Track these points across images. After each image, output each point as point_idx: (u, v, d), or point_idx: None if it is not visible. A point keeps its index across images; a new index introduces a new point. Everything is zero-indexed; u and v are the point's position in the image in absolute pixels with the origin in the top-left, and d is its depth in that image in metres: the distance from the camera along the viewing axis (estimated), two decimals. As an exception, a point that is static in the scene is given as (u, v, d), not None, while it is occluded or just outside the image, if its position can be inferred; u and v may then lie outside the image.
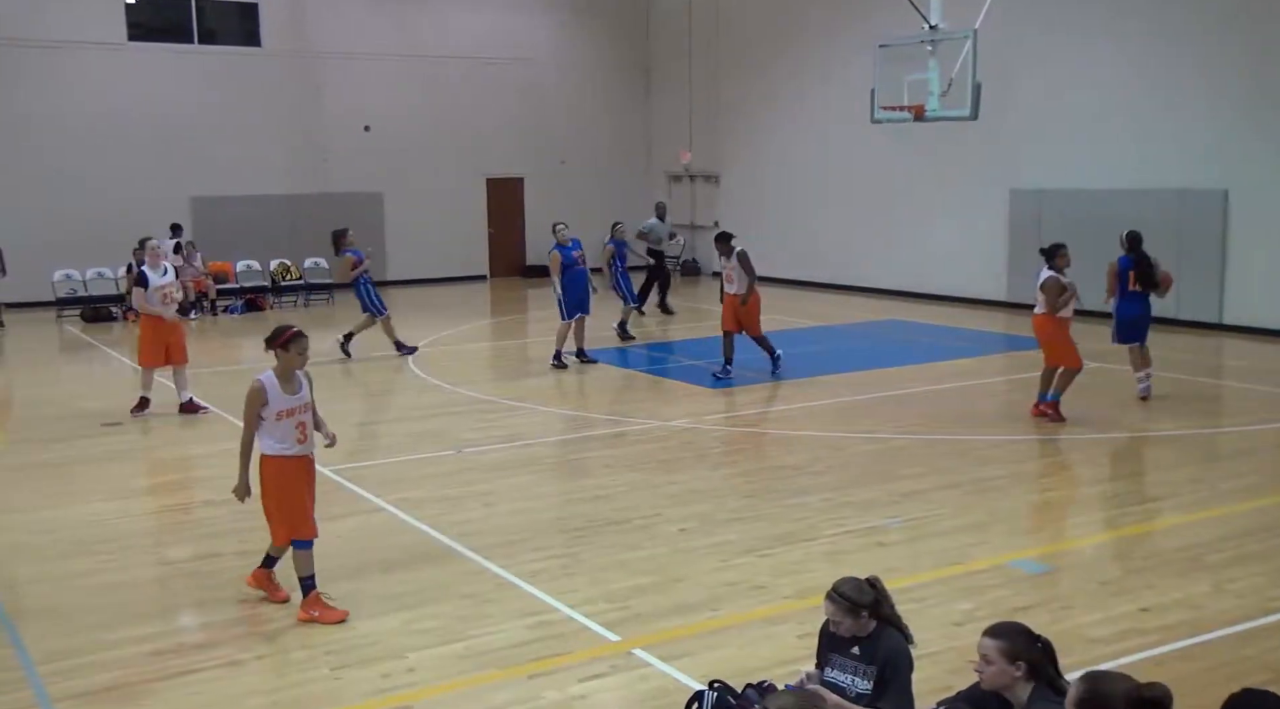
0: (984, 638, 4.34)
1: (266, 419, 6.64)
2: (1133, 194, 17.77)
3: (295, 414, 6.70)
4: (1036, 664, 4.25)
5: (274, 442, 6.68)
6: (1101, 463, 10.04)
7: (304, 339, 6.81)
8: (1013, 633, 4.31)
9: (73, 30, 21.93)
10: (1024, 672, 4.23)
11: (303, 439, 6.73)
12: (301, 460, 6.78)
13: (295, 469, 6.75)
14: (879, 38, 15.86)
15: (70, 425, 11.99)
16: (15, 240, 20.99)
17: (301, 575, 6.73)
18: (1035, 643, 4.30)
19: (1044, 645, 4.33)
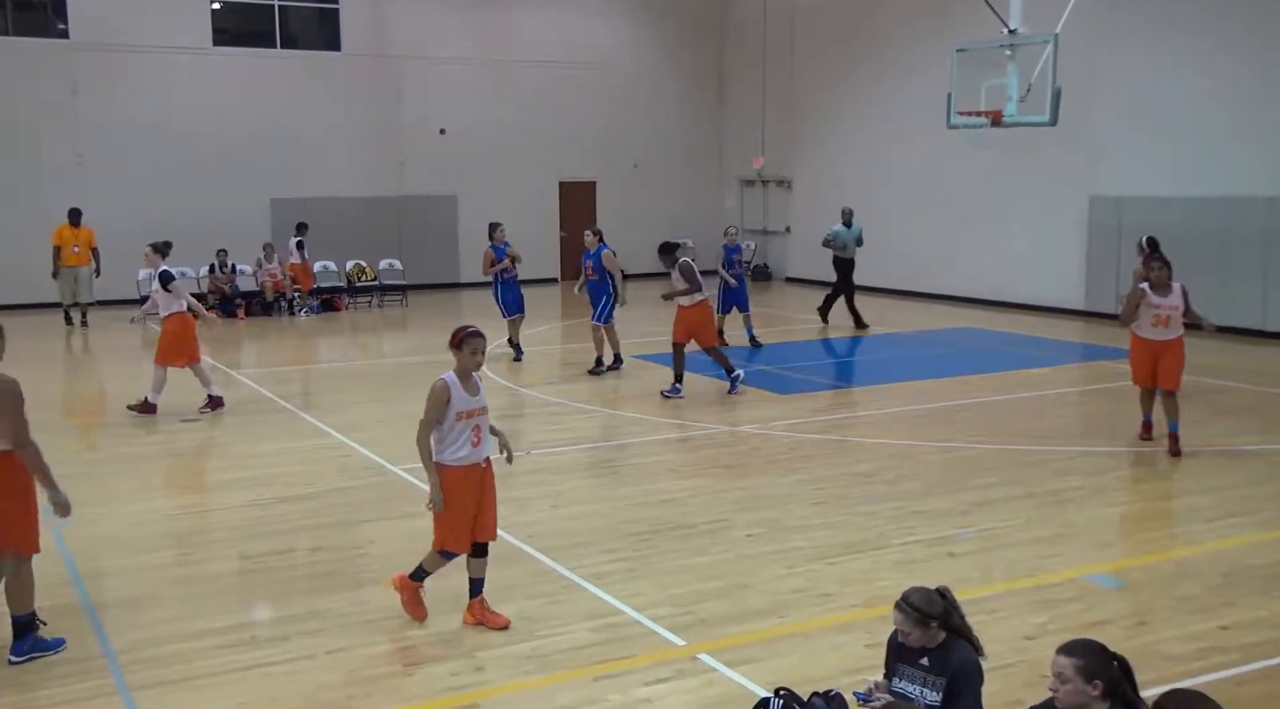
0: (1059, 655, 4.24)
1: (445, 420, 6.45)
2: (1217, 202, 17.38)
3: (474, 417, 6.52)
4: (1113, 683, 4.16)
5: (447, 448, 6.49)
6: (1181, 476, 9.82)
7: (478, 339, 6.59)
8: (1089, 650, 4.22)
9: (161, 35, 22.50)
10: (1100, 690, 4.14)
11: (476, 443, 6.53)
12: (474, 468, 6.56)
13: (465, 477, 6.52)
14: (956, 42, 15.68)
15: (153, 421, 12.29)
16: (104, 238, 21.55)
17: (472, 576, 6.63)
18: (1111, 661, 4.20)
19: (1120, 664, 4.23)
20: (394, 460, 10.41)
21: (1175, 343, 10.36)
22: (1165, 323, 10.26)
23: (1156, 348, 10.37)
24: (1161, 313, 10.27)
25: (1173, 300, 10.26)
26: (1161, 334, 10.30)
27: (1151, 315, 10.32)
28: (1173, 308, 10.27)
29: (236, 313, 21.24)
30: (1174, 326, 10.32)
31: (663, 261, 13.65)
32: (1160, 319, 10.27)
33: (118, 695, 5.78)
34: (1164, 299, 10.26)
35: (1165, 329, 10.28)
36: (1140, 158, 18.60)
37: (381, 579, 7.23)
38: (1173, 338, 10.32)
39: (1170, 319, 10.28)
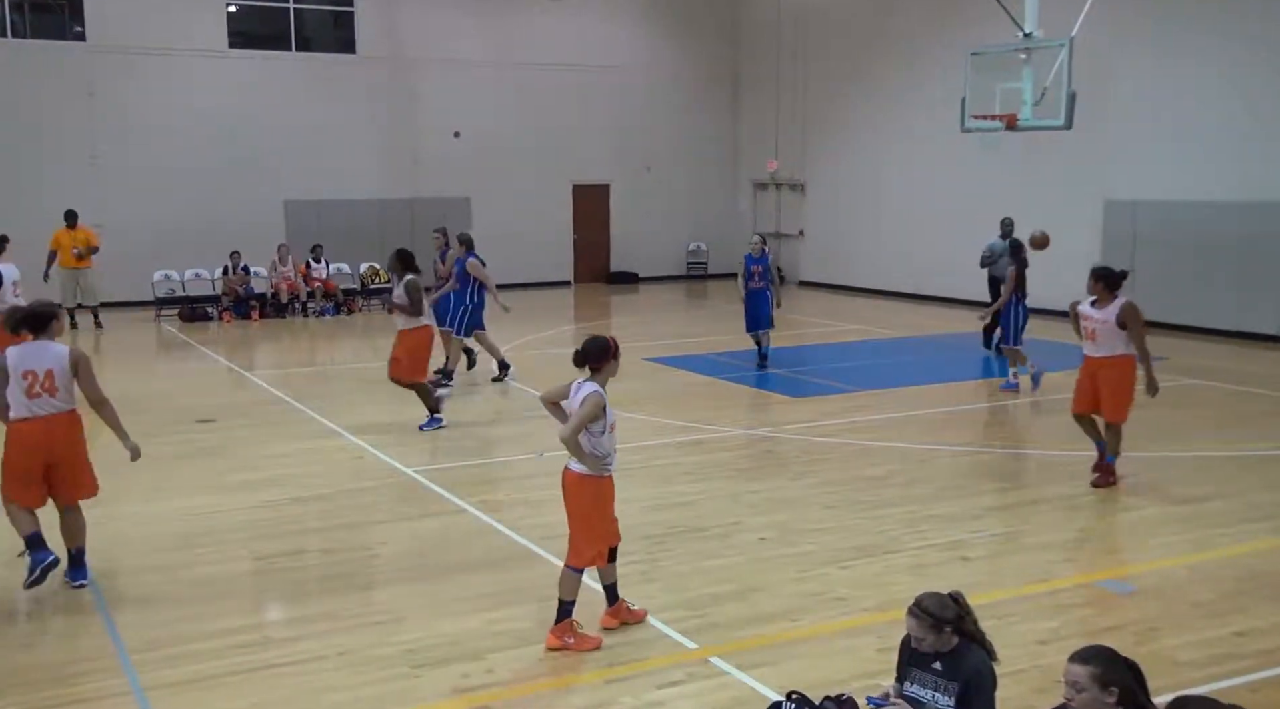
0: (1073, 664, 4.20)
1: (597, 432, 6.34)
2: (1233, 206, 17.30)
3: (614, 429, 6.49)
4: (1126, 689, 4.14)
5: (599, 460, 6.41)
6: (1195, 481, 9.76)
7: None
8: (1103, 658, 4.19)
9: (178, 38, 22.60)
10: (1116, 698, 4.11)
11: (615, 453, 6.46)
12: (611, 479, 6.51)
13: (610, 489, 6.54)
14: (971, 46, 15.66)
15: (168, 421, 12.33)
16: (120, 241, 21.70)
17: (565, 599, 6.35)
18: (1124, 667, 4.19)
19: (1132, 668, 4.21)
20: (406, 462, 10.44)
21: (1114, 364, 9.26)
22: (1092, 336, 9.29)
23: (1090, 366, 9.42)
24: (1088, 324, 9.34)
25: (1104, 314, 9.19)
26: (1091, 349, 9.36)
27: (1082, 327, 9.48)
28: (1101, 322, 9.20)
29: (250, 314, 21.32)
30: (1104, 343, 9.23)
31: (392, 270, 11.94)
32: (1087, 331, 9.36)
33: (131, 695, 5.81)
34: (1093, 311, 9.29)
35: (1093, 344, 9.31)
36: (1155, 162, 18.53)
37: (391, 579, 7.22)
38: (1103, 355, 9.27)
39: (1097, 334, 9.24)
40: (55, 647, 6.50)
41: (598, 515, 6.42)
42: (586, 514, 6.40)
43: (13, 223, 21.04)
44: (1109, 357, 9.21)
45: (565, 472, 6.53)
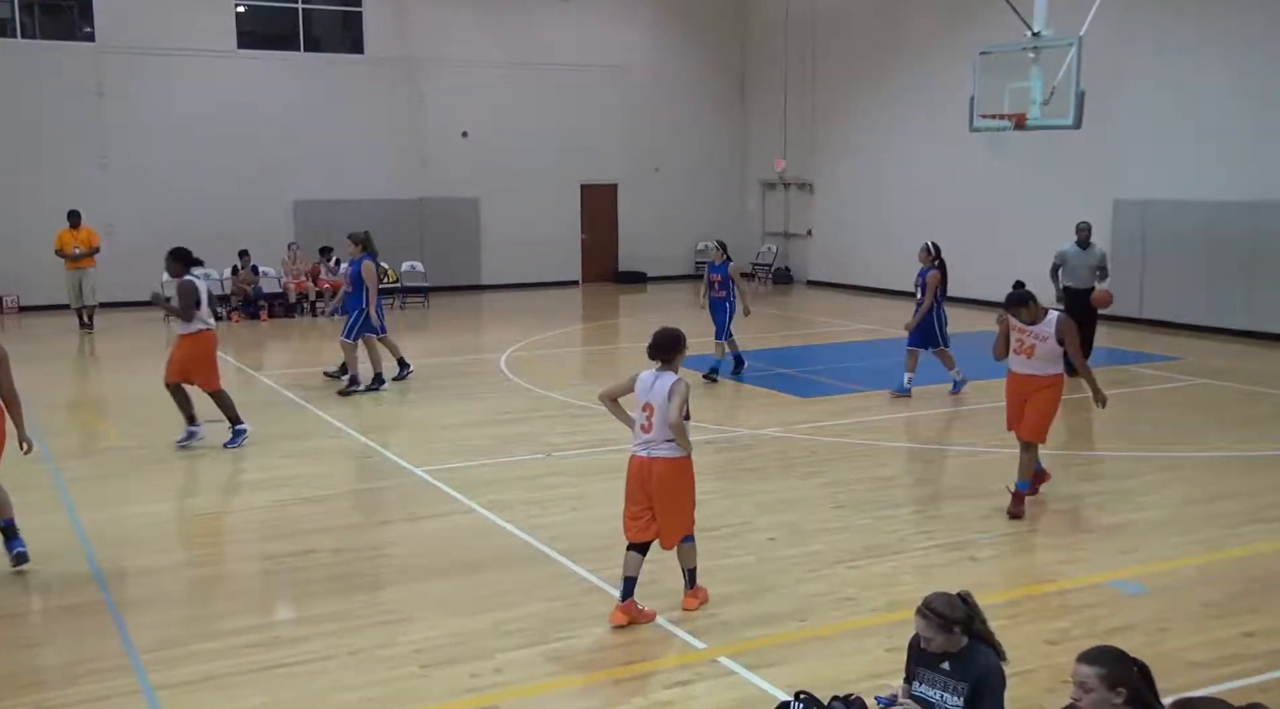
0: (1081, 665, 4.18)
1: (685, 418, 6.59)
2: (1244, 206, 17.25)
3: None
4: (1134, 688, 4.12)
5: (686, 441, 6.63)
6: (1206, 481, 9.73)
7: None
8: (1111, 658, 4.17)
9: (186, 38, 22.65)
10: (1124, 698, 4.10)
11: None
12: None
13: None
14: (980, 45, 15.62)
15: (177, 421, 12.34)
16: (129, 241, 21.77)
17: (688, 566, 6.83)
18: (1132, 666, 4.17)
19: (1140, 669, 4.20)
20: (415, 462, 10.45)
21: (1046, 383, 8.66)
22: (1028, 352, 8.63)
23: (1022, 385, 8.74)
24: (1024, 339, 8.65)
25: (1042, 329, 8.57)
26: (1023, 366, 8.70)
27: (1015, 341, 8.77)
28: (1040, 338, 8.56)
29: (259, 314, 21.36)
30: (1040, 361, 8.61)
31: (169, 271, 11.61)
32: (1021, 346, 8.68)
33: (140, 694, 5.82)
34: (1029, 325, 8.63)
35: (1027, 362, 8.66)
36: (1165, 161, 18.47)
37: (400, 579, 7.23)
38: (1040, 374, 8.63)
39: (1035, 350, 8.59)
40: (64, 646, 6.52)
41: (693, 490, 6.78)
42: (687, 491, 6.73)
43: (22, 223, 21.23)
44: (1046, 375, 8.64)
45: (652, 461, 6.59)
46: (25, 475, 10.26)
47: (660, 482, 6.56)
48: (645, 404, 6.60)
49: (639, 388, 6.66)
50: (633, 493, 6.65)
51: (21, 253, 21.24)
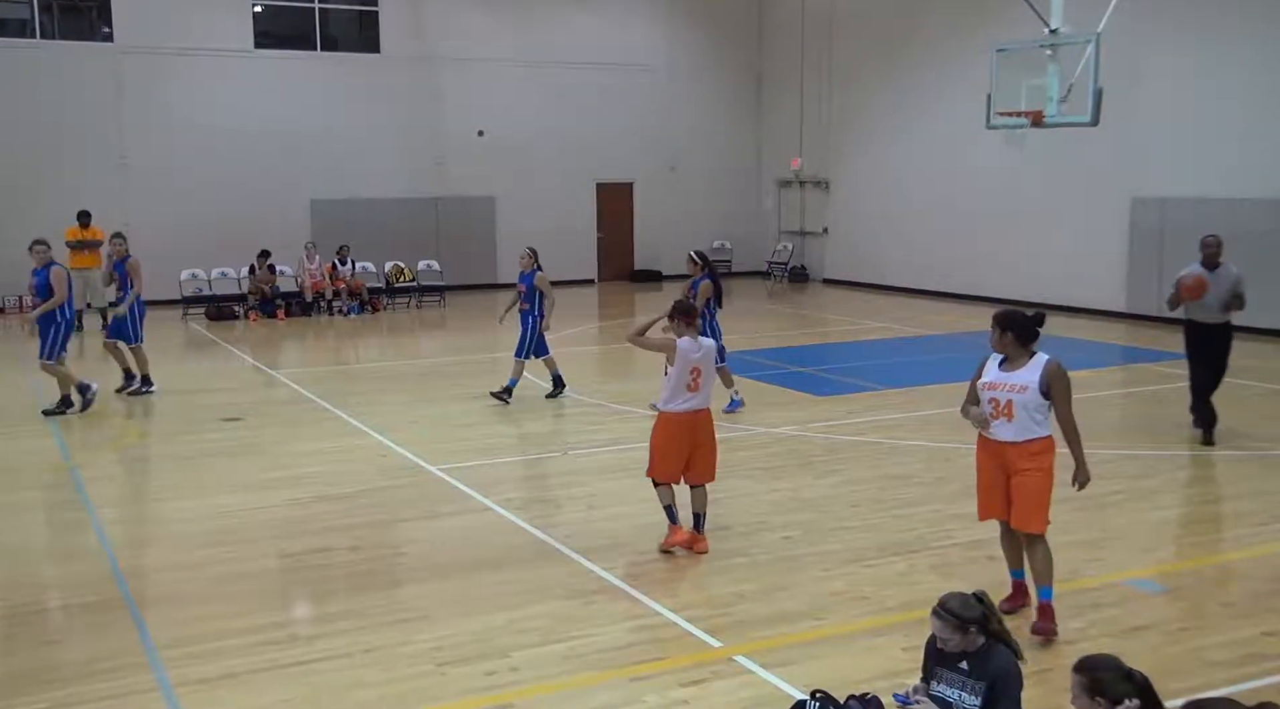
0: (1073, 672, 4.19)
1: None
2: (1263, 203, 17.14)
3: None
4: (1118, 700, 4.07)
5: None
6: (1225, 480, 9.68)
7: None
8: (1096, 667, 4.15)
9: (204, 39, 22.75)
10: (1105, 707, 4.08)
11: None
12: None
13: None
14: (997, 42, 15.55)
15: (194, 420, 12.43)
16: (148, 240, 21.81)
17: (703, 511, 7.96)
18: (1125, 677, 4.12)
19: (1138, 680, 4.13)
20: (431, 460, 10.47)
21: (1035, 453, 6.35)
22: (1008, 413, 6.34)
23: (998, 454, 6.45)
24: (997, 396, 6.37)
25: (1020, 379, 6.37)
26: (1003, 431, 6.38)
27: (986, 402, 6.46)
28: (1017, 391, 6.32)
29: (276, 313, 21.44)
30: (1021, 422, 6.33)
31: None
32: (997, 406, 6.39)
33: (159, 691, 5.85)
34: (1004, 376, 6.43)
35: (1007, 425, 6.36)
36: (1183, 159, 18.37)
37: (417, 577, 7.23)
38: (1020, 440, 6.34)
39: (1014, 408, 6.31)
40: (83, 643, 6.55)
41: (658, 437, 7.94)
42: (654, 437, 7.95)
43: (41, 223, 21.28)
44: (1028, 442, 6.34)
45: (706, 412, 7.86)
46: (44, 474, 10.35)
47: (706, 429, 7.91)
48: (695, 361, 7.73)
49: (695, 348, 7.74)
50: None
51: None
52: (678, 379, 7.64)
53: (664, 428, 7.79)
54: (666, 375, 7.84)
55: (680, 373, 7.62)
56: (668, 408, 7.73)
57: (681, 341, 7.68)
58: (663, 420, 7.80)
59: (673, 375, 7.69)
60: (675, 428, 7.72)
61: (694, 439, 7.73)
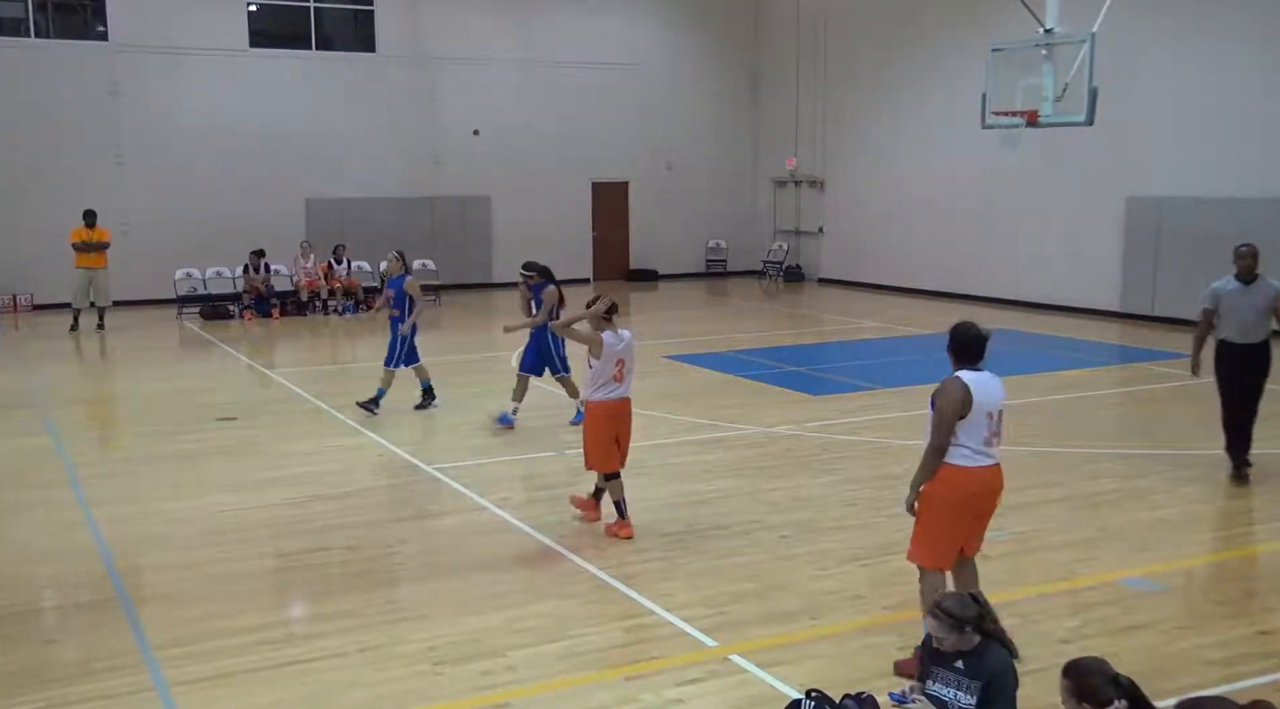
0: (1061, 675, 4.23)
1: None
2: (1260, 202, 17.16)
3: None
4: (1106, 703, 4.08)
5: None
6: (1220, 480, 9.70)
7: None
8: (1081, 671, 4.18)
9: (199, 37, 22.71)
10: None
11: None
12: None
13: None
14: (992, 42, 15.57)
15: (190, 419, 12.41)
16: (143, 239, 21.90)
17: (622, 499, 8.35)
18: (1111, 681, 4.14)
19: (1123, 684, 4.15)
20: (427, 460, 10.47)
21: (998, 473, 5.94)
22: (1001, 435, 5.94)
23: (994, 483, 5.93)
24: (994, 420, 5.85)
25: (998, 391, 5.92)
26: (996, 453, 5.90)
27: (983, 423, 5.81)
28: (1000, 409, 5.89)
29: (271, 312, 21.41)
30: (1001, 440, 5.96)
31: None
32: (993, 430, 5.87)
33: (155, 691, 5.85)
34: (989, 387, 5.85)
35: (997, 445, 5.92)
36: (1178, 158, 18.40)
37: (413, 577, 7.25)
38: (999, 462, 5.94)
39: (999, 430, 5.90)
40: (79, 642, 6.55)
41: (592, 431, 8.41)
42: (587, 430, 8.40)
43: (37, 222, 21.30)
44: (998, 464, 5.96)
45: (629, 401, 8.34)
46: (40, 472, 10.34)
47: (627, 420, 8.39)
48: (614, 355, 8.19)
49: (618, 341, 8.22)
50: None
51: (36, 252, 21.33)
52: (603, 370, 8.15)
53: (594, 417, 8.28)
54: (591, 367, 8.22)
55: (606, 364, 8.13)
56: (595, 397, 8.20)
57: (605, 335, 8.17)
58: (592, 410, 8.27)
59: (598, 367, 8.16)
60: (604, 416, 8.21)
61: (619, 426, 8.24)
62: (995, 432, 5.83)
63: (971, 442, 5.78)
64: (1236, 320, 9.59)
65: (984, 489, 5.88)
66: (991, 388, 5.84)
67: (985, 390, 5.80)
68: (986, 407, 5.78)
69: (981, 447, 5.80)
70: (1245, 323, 9.57)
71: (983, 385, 5.80)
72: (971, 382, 5.79)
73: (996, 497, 5.98)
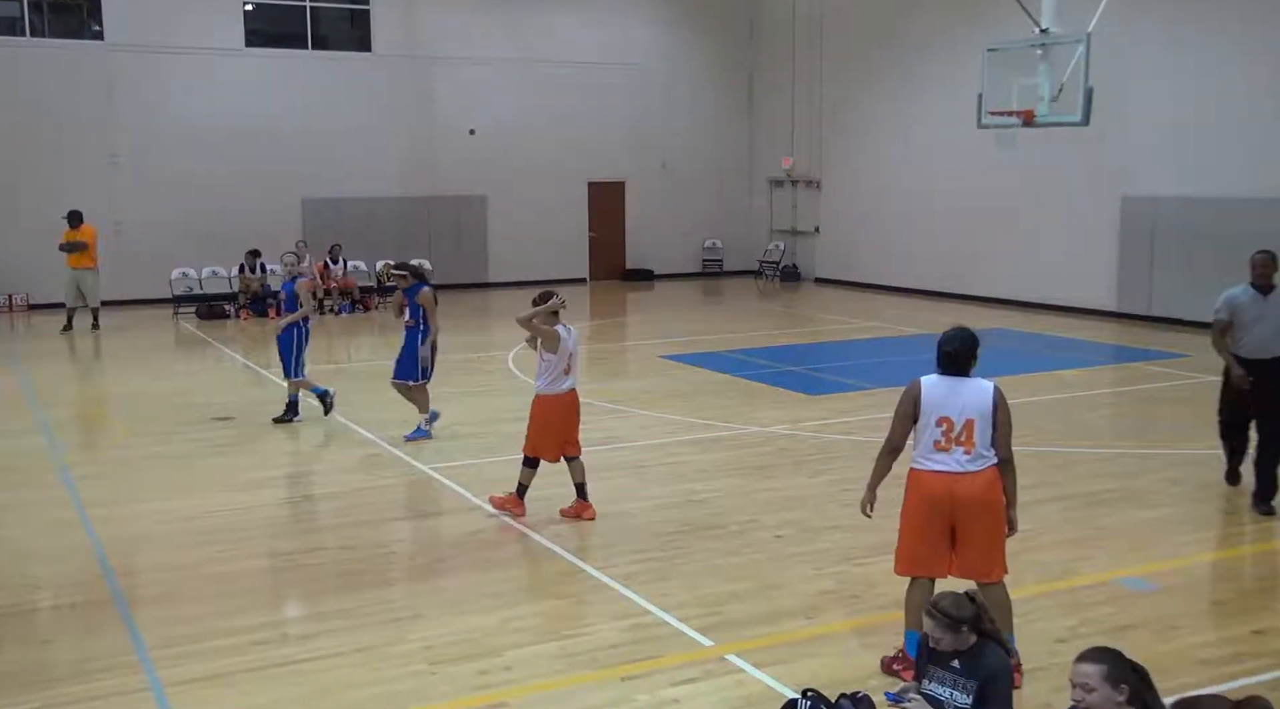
0: (1082, 664, 4.15)
1: None
2: (1255, 202, 17.18)
3: None
4: (1136, 688, 4.10)
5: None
6: (1215, 479, 9.70)
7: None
8: (1111, 657, 4.16)
9: (195, 37, 22.68)
10: (1126, 696, 4.08)
11: None
12: None
13: None
14: (987, 42, 15.59)
15: (185, 419, 12.39)
16: (138, 238, 21.86)
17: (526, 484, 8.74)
18: (1131, 667, 4.16)
19: (1138, 670, 4.17)
20: (422, 460, 10.46)
21: (983, 484, 5.68)
22: (965, 444, 5.67)
23: (949, 491, 5.70)
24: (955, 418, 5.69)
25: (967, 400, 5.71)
26: (949, 461, 5.69)
27: (933, 429, 5.72)
28: (965, 418, 5.67)
29: (267, 312, 21.38)
30: (977, 452, 5.66)
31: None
32: (951, 433, 5.68)
33: (150, 691, 5.84)
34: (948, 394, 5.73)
35: (961, 454, 5.68)
36: (1174, 158, 18.42)
37: (409, 577, 7.23)
38: (975, 471, 5.66)
39: (963, 438, 5.65)
40: (74, 643, 6.54)
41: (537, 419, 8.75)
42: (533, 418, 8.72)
43: (32, 222, 21.25)
44: (983, 472, 5.70)
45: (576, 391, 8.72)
46: (34, 473, 10.32)
47: None
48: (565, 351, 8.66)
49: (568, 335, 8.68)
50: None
51: (31, 251, 21.29)
52: (556, 364, 8.50)
53: (546, 409, 8.58)
54: (543, 360, 8.52)
55: (559, 358, 8.49)
56: (548, 390, 8.53)
57: (560, 329, 8.57)
58: (544, 402, 8.57)
59: (551, 360, 8.49)
60: (557, 407, 8.54)
61: (570, 415, 8.61)
62: (955, 439, 5.64)
63: (922, 446, 5.78)
64: (1253, 334, 8.69)
65: (944, 496, 5.67)
66: (955, 395, 5.69)
67: (941, 396, 5.71)
68: (938, 411, 5.68)
69: (931, 451, 5.71)
70: (1263, 337, 8.67)
71: (940, 391, 5.73)
72: (928, 385, 5.78)
73: (968, 508, 5.64)
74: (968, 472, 5.67)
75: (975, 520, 5.71)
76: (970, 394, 5.72)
